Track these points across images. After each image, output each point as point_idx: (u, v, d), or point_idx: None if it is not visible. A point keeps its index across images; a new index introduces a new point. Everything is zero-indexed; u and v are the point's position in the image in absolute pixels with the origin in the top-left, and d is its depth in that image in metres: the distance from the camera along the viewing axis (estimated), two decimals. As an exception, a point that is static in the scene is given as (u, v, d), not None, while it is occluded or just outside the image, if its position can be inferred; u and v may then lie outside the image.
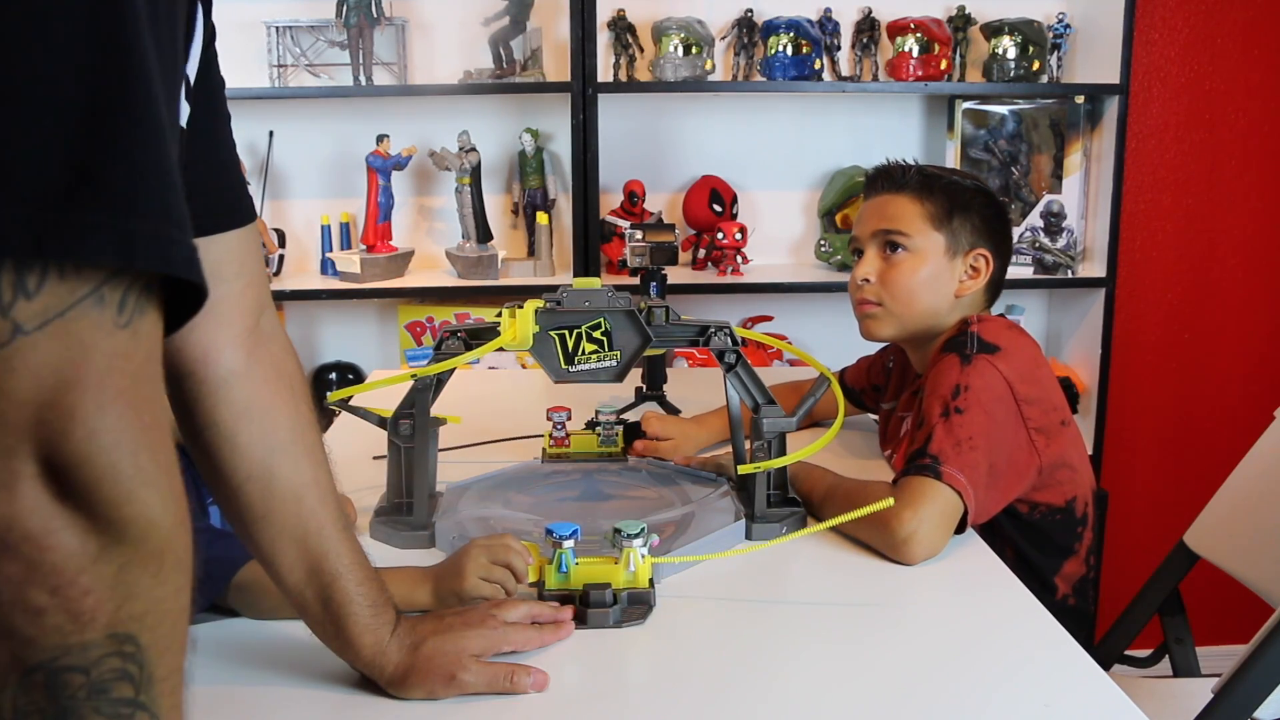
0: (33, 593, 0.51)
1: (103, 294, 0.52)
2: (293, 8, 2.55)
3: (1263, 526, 1.58)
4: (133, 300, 0.53)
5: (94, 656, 0.52)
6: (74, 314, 0.51)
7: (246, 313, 0.88)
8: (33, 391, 0.50)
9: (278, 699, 0.98)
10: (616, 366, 1.32)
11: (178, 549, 0.55)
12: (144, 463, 0.53)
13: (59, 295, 0.50)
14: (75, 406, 0.51)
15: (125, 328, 0.53)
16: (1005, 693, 1.00)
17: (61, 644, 0.51)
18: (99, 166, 0.51)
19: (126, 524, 0.52)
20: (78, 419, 0.51)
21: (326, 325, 2.73)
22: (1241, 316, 2.84)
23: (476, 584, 1.10)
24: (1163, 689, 1.62)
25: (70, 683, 0.52)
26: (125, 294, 0.53)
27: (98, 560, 0.52)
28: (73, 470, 0.51)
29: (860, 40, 2.60)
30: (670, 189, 2.71)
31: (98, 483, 0.51)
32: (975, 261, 1.49)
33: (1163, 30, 2.69)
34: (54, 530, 0.51)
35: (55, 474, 0.51)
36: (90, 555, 0.52)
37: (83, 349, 0.51)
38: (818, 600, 1.19)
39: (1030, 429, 1.38)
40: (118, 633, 0.53)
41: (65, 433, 0.50)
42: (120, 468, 0.52)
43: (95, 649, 0.52)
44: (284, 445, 0.90)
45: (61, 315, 0.51)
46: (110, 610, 0.52)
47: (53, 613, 0.51)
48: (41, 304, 0.50)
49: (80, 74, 0.50)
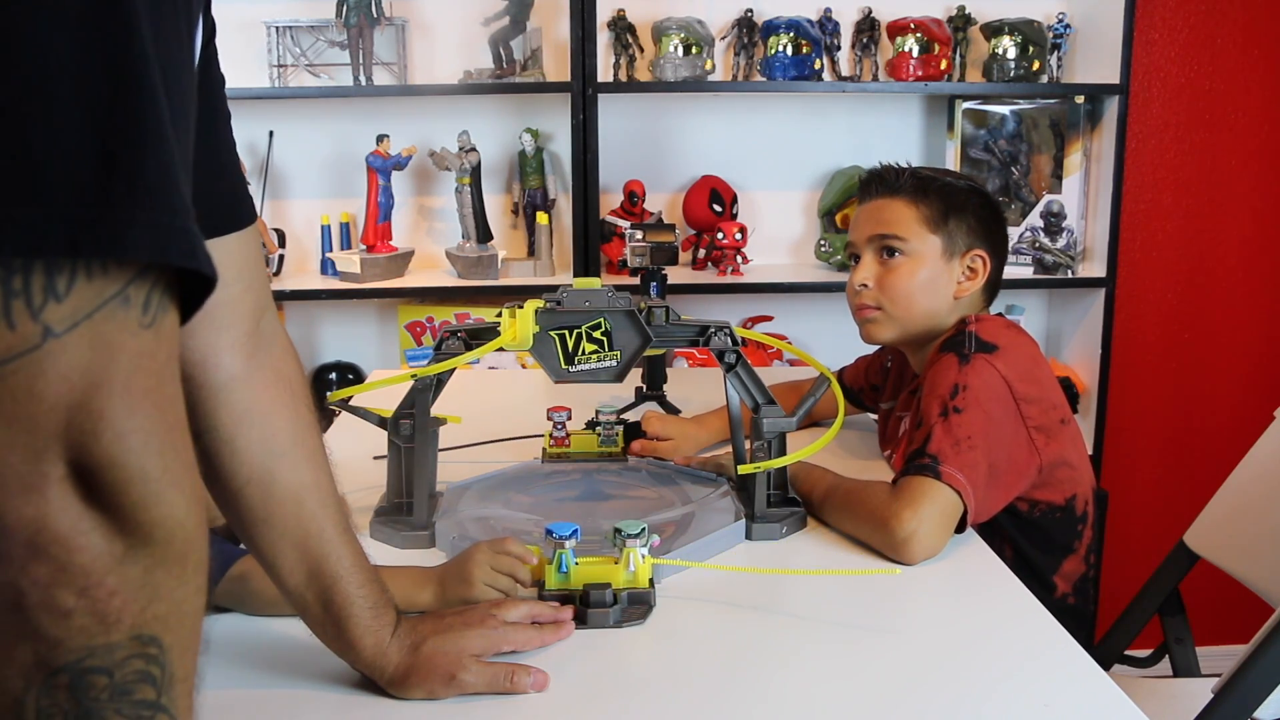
0: (60, 594, 0.51)
1: (128, 294, 0.52)
2: (293, 8, 2.55)
3: (1263, 526, 1.58)
4: (156, 299, 0.53)
5: (119, 658, 0.52)
6: (102, 315, 0.51)
7: (246, 317, 0.87)
8: (63, 394, 0.50)
9: (278, 699, 0.98)
10: (616, 366, 1.32)
11: (200, 550, 0.56)
12: (170, 464, 0.53)
13: (88, 296, 0.51)
14: (104, 409, 0.51)
15: (149, 327, 0.53)
16: (1005, 692, 1.00)
17: (87, 645, 0.51)
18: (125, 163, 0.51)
19: (154, 526, 0.53)
20: (106, 421, 0.51)
21: (326, 325, 2.73)
22: (1241, 316, 2.84)
23: (484, 590, 1.10)
24: (1163, 689, 1.62)
25: (94, 684, 0.52)
26: (149, 293, 0.53)
27: (124, 561, 0.52)
28: (102, 472, 0.51)
29: (860, 40, 2.60)
30: (670, 189, 2.71)
31: (126, 485, 0.51)
32: (972, 262, 1.49)
33: (1163, 30, 2.69)
34: (83, 531, 0.51)
35: (84, 476, 0.51)
36: (117, 557, 0.52)
37: (110, 350, 0.51)
38: (817, 600, 1.18)
39: (1030, 428, 1.38)
40: (142, 634, 0.53)
41: (95, 435, 0.51)
42: (148, 470, 0.52)
43: (120, 650, 0.52)
44: (284, 449, 0.90)
45: (90, 317, 0.51)
46: (136, 611, 0.53)
47: (80, 614, 0.51)
48: (71, 306, 0.50)
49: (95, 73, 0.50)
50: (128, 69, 0.51)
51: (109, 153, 0.50)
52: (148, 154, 0.51)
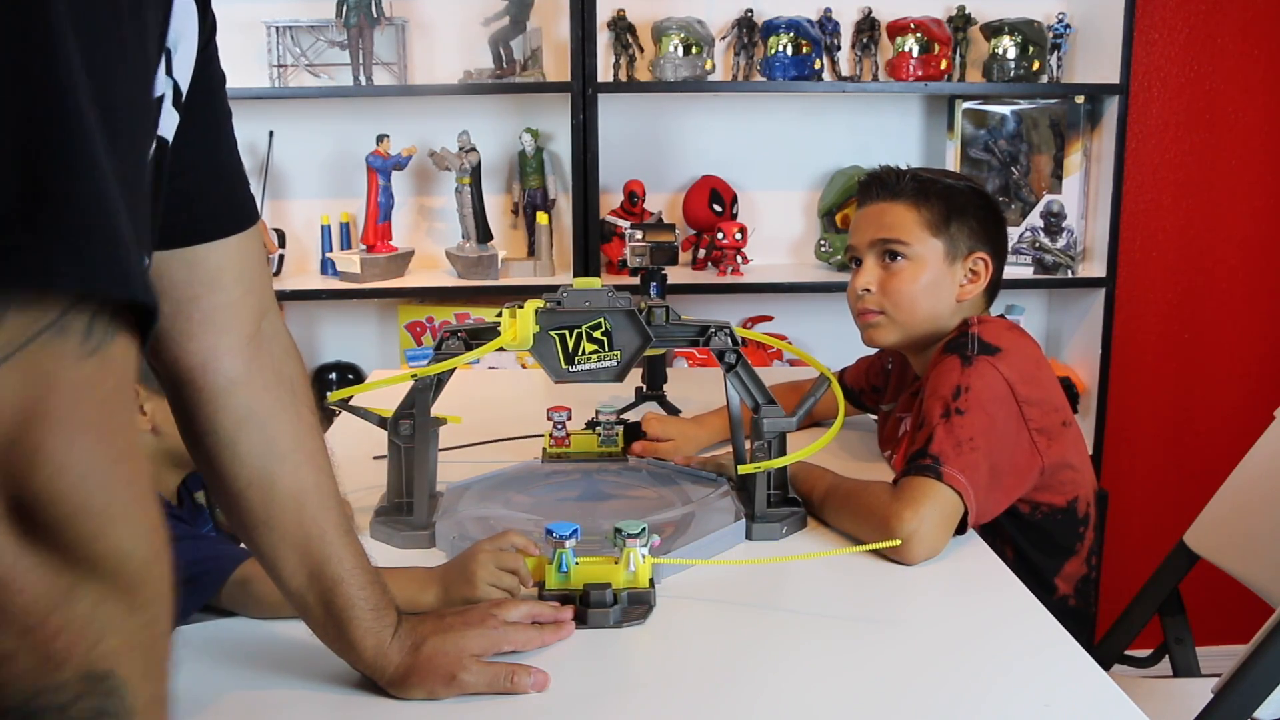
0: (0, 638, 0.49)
1: (64, 324, 0.49)
2: (293, 8, 2.55)
3: (1263, 526, 1.58)
4: (100, 326, 0.51)
5: (68, 696, 0.50)
6: (36, 346, 0.49)
7: (247, 320, 0.87)
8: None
9: (278, 700, 0.98)
10: (616, 366, 1.32)
11: (154, 579, 0.53)
12: (116, 495, 0.51)
13: (19, 328, 0.48)
14: (41, 443, 0.49)
15: (92, 355, 0.51)
16: (1005, 692, 1.00)
17: (33, 685, 0.49)
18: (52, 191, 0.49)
19: (98, 560, 0.50)
20: (43, 455, 0.49)
21: (326, 325, 2.73)
22: (1241, 316, 2.84)
23: (487, 589, 1.10)
24: (1163, 689, 1.62)
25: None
26: (91, 321, 0.50)
27: (69, 599, 0.50)
28: (40, 509, 0.49)
29: (860, 40, 2.60)
30: (670, 189, 2.71)
31: (67, 520, 0.49)
32: (975, 265, 1.49)
33: (1163, 30, 2.69)
34: (22, 571, 0.49)
35: (22, 513, 0.49)
36: (61, 594, 0.50)
37: (47, 382, 0.49)
38: (818, 600, 1.19)
39: (1032, 430, 1.38)
40: (93, 672, 0.51)
41: (30, 470, 0.48)
42: (90, 504, 0.50)
43: (69, 689, 0.50)
44: (285, 452, 0.90)
45: (23, 348, 0.48)
46: (83, 650, 0.50)
47: (22, 656, 0.49)
48: (3, 338, 0.48)
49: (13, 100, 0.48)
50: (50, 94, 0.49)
51: (34, 179, 0.48)
52: (77, 181, 0.49)
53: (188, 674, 0.74)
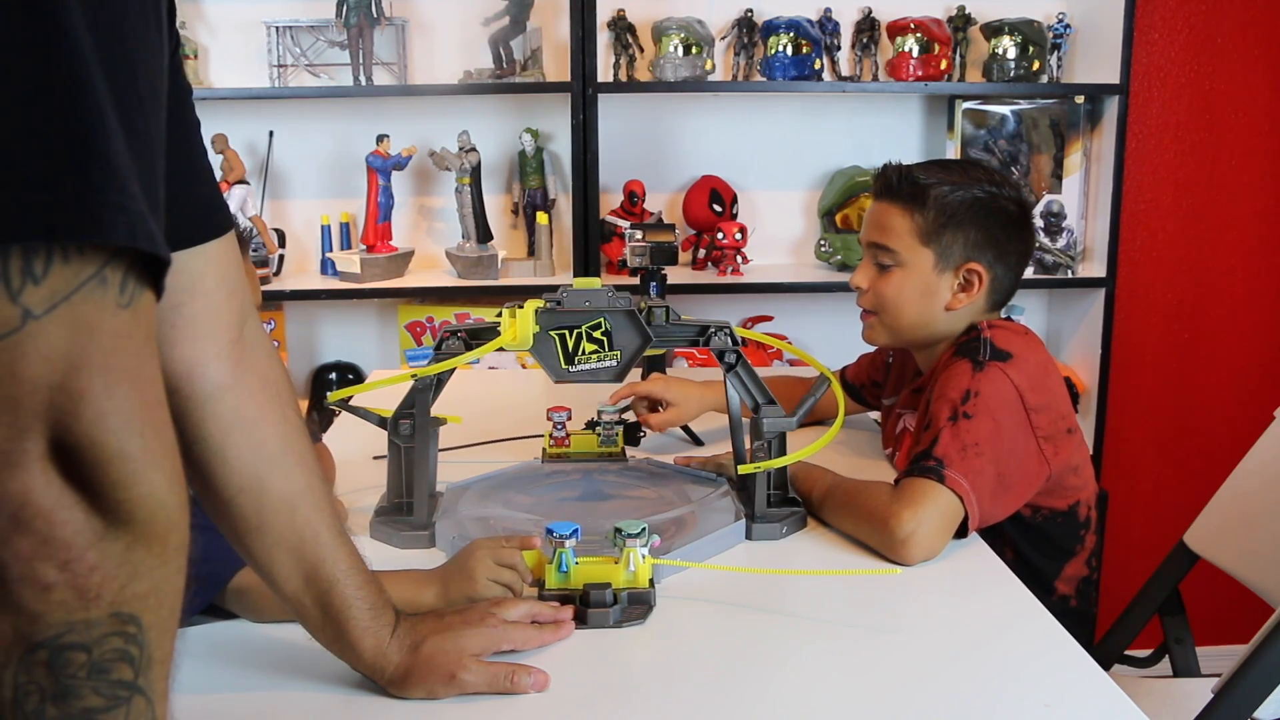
0: (42, 567, 0.51)
1: (105, 275, 0.52)
2: (293, 8, 2.55)
3: (1263, 526, 1.58)
4: (132, 280, 0.54)
5: (97, 635, 0.53)
6: (80, 296, 0.52)
7: (230, 324, 0.87)
8: (44, 375, 0.51)
9: (278, 700, 0.98)
10: (616, 366, 1.32)
11: (180, 530, 0.56)
12: (150, 443, 0.54)
13: (65, 278, 0.51)
14: (84, 389, 0.52)
15: (127, 307, 0.54)
16: (1006, 693, 1.00)
17: (66, 620, 0.52)
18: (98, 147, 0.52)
19: (134, 505, 0.53)
20: (86, 401, 0.52)
21: (326, 325, 2.73)
22: (1241, 316, 2.84)
23: (487, 585, 1.10)
24: (1163, 689, 1.62)
25: (72, 661, 0.53)
26: (126, 274, 0.53)
27: (105, 538, 0.53)
28: (82, 452, 0.52)
29: (860, 40, 2.60)
30: (670, 189, 2.71)
31: (106, 464, 0.52)
32: (968, 276, 1.46)
33: (1163, 30, 2.69)
34: (64, 507, 0.52)
35: (65, 455, 0.52)
36: (98, 533, 0.52)
37: (89, 331, 0.52)
38: (818, 600, 1.18)
39: (1039, 437, 1.37)
40: (121, 612, 0.54)
41: (75, 415, 0.51)
42: (128, 450, 0.53)
43: (99, 627, 0.53)
44: (274, 455, 0.89)
45: (68, 298, 0.51)
46: (116, 589, 0.53)
47: (60, 588, 0.52)
48: (49, 288, 0.51)
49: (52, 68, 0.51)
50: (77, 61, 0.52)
51: (81, 137, 0.51)
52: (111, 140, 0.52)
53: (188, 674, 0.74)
